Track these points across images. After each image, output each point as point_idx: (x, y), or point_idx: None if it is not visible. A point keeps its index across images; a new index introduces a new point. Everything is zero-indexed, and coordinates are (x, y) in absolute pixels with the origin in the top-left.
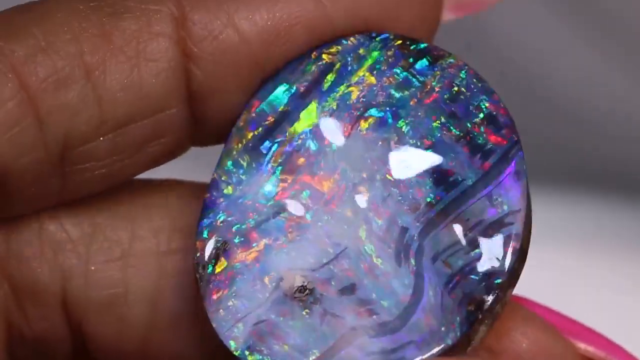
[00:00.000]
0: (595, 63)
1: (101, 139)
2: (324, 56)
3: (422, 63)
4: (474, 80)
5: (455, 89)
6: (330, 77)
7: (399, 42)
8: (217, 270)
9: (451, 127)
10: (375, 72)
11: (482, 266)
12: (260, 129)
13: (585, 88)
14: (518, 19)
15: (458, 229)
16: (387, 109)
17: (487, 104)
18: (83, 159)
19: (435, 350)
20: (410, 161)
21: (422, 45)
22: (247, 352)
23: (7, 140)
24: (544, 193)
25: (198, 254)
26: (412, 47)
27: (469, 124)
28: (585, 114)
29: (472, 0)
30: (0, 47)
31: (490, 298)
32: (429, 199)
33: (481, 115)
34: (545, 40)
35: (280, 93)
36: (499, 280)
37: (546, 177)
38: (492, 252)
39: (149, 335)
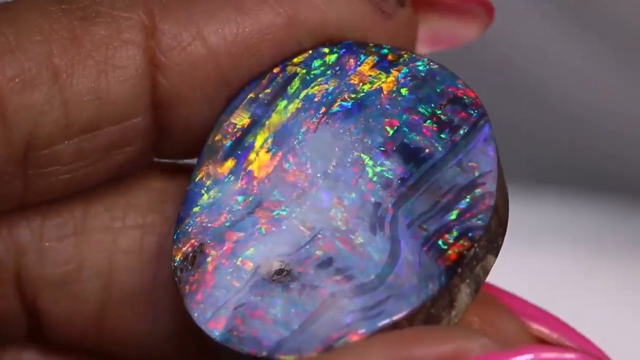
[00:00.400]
0: (591, 62)
1: (66, 142)
2: (287, 68)
3: (385, 61)
4: (437, 68)
5: (419, 79)
6: (295, 84)
7: (361, 46)
8: (195, 270)
9: (418, 110)
10: (339, 72)
11: (457, 224)
12: (230, 140)
13: (581, 88)
14: (514, 20)
15: (431, 197)
16: (352, 102)
17: (451, 89)
18: (47, 162)
19: (415, 301)
20: (379, 144)
21: (385, 47)
22: (228, 335)
23: None
24: (537, 194)
25: (176, 260)
26: (374, 50)
27: (434, 106)
28: (581, 113)
29: (446, 36)
30: None
31: (467, 252)
32: (400, 176)
33: (446, 99)
34: (539, 41)
35: (247, 105)
36: (474, 234)
37: (540, 177)
38: (466, 210)
39: (103, 312)
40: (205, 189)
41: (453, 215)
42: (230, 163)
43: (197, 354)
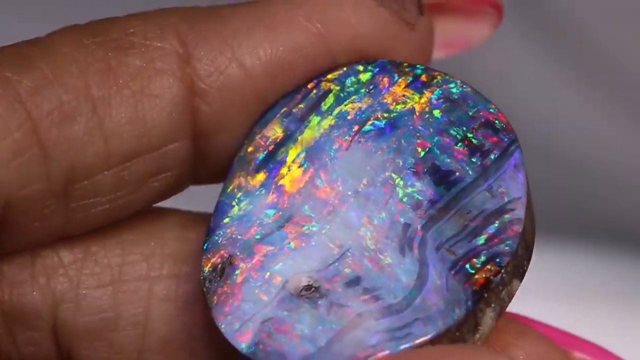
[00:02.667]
0: (589, 110)
1: (106, 173)
2: (322, 84)
3: (419, 81)
4: (470, 91)
5: (451, 101)
6: (328, 100)
7: (395, 65)
8: (224, 281)
9: (450, 133)
10: (372, 90)
11: (486, 249)
12: (263, 153)
13: (584, 138)
14: (508, 62)
15: (460, 220)
16: (385, 121)
17: (483, 112)
18: (87, 194)
19: (441, 325)
20: (410, 165)
21: (419, 67)
22: (255, 349)
23: (12, 168)
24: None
25: (205, 271)
26: (407, 69)
27: (466, 129)
28: (582, 161)
29: (458, 40)
30: (8, 78)
31: (493, 278)
32: (430, 198)
33: (478, 122)
34: (537, 88)
35: (280, 119)
36: (502, 260)
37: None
38: (494, 236)
39: None
40: (236, 200)
41: (481, 240)
42: (261, 176)
43: None
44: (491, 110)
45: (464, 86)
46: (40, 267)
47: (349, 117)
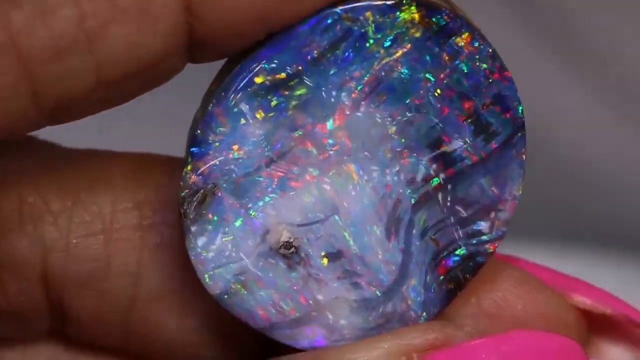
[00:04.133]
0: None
1: (95, 95)
2: (342, 19)
3: (437, 39)
4: (486, 56)
5: (467, 72)
6: (344, 46)
7: (415, 10)
8: (204, 210)
9: (459, 106)
10: (390, 46)
11: (467, 246)
12: (267, 78)
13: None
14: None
15: (450, 206)
16: (398, 86)
17: (497, 84)
18: (73, 113)
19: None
20: (414, 137)
21: (441, 18)
22: (225, 296)
23: None
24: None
25: (185, 188)
26: (428, 19)
27: (477, 104)
28: (584, 164)
29: None
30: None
31: (470, 278)
32: (426, 174)
33: (490, 95)
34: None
35: (290, 52)
36: (481, 260)
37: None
38: (479, 234)
39: (131, 310)
40: (229, 122)
41: (467, 234)
42: (261, 104)
43: (224, 353)
44: (506, 85)
45: (485, 43)
46: (28, 215)
47: (361, 73)
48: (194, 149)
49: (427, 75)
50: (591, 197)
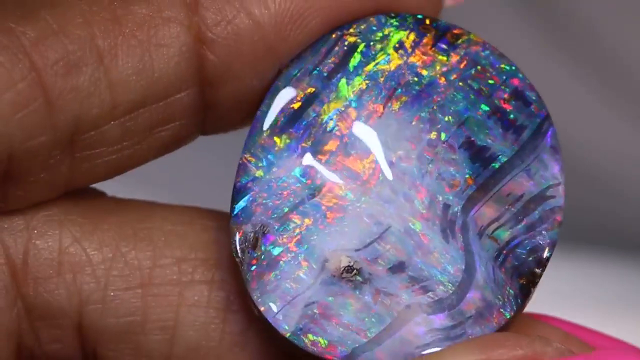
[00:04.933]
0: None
1: (112, 123)
2: (346, 37)
3: (444, 42)
4: (497, 57)
5: (479, 66)
6: (356, 57)
7: (418, 21)
8: (258, 253)
9: (481, 104)
10: (400, 51)
11: (529, 239)
12: (288, 111)
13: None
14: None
15: (500, 203)
16: (417, 87)
17: (513, 81)
18: (93, 144)
19: (495, 326)
20: (445, 138)
21: (442, 24)
22: (300, 334)
23: (16, 121)
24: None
25: (236, 238)
26: (430, 26)
27: (497, 101)
28: (594, 168)
29: None
30: (12, 29)
31: (540, 271)
32: (467, 176)
33: (508, 91)
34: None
35: (305, 75)
36: (545, 252)
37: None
38: (536, 225)
39: None
40: (260, 161)
41: (523, 228)
42: (287, 136)
43: None
44: (520, 76)
45: (490, 48)
46: (67, 264)
47: (379, 81)
48: (236, 202)
49: (442, 77)
50: (598, 197)
